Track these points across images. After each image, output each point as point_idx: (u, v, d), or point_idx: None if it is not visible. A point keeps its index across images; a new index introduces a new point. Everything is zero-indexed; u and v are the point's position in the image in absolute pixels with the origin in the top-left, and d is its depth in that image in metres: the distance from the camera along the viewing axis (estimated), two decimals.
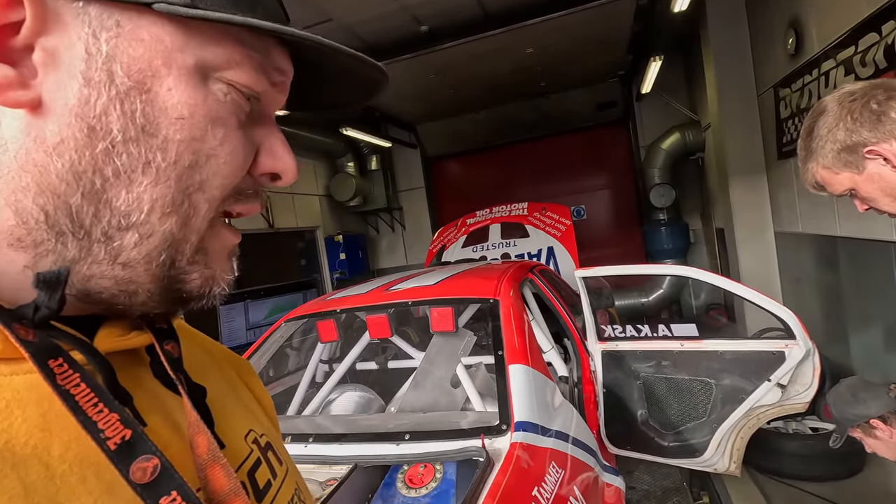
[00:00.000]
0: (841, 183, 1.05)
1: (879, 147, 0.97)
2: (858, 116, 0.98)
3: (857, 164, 1.00)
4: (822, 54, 3.51)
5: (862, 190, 1.03)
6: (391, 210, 8.62)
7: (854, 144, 0.99)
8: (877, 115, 0.96)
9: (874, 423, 1.63)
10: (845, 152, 1.00)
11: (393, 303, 2.37)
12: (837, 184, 1.06)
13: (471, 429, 1.63)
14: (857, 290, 3.58)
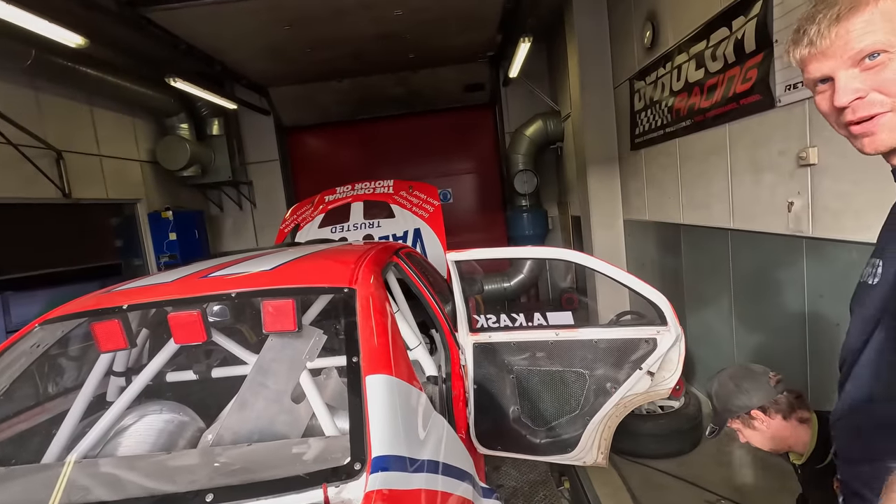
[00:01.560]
0: None
1: None
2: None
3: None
4: (676, 48, 3.66)
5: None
6: (238, 184, 7.49)
7: None
8: None
9: (755, 413, 1.55)
10: None
11: (208, 295, 1.75)
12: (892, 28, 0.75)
13: (309, 474, 1.15)
14: (694, 273, 3.88)
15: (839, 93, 0.79)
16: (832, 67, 0.79)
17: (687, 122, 3.61)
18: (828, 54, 0.79)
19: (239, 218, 7.85)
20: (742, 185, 3.05)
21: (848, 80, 0.78)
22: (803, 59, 0.83)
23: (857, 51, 0.76)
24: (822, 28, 0.78)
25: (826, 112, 0.84)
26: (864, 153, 0.83)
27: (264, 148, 7.74)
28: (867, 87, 0.77)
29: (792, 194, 2.59)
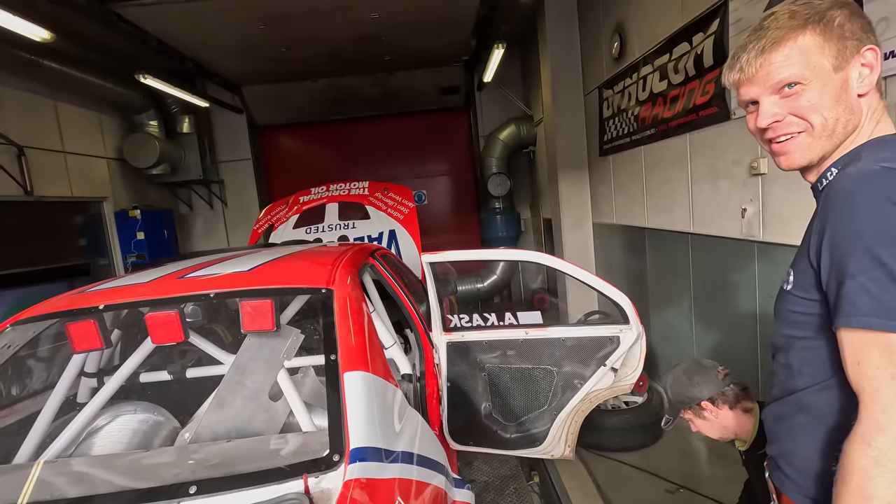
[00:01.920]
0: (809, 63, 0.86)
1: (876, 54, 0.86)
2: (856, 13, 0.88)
3: (846, 55, 0.86)
4: (642, 59, 3.84)
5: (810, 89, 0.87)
6: (209, 183, 7.38)
7: (862, 39, 0.86)
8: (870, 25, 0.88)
9: (704, 404, 1.68)
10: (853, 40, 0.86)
11: (186, 295, 1.77)
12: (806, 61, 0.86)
13: (290, 466, 1.21)
14: (658, 274, 4.06)
15: (761, 115, 0.91)
16: (757, 92, 0.91)
17: (651, 131, 3.78)
18: (754, 81, 0.91)
19: (210, 217, 7.72)
20: (701, 191, 3.23)
21: (769, 105, 0.90)
22: (735, 83, 0.95)
23: (777, 80, 0.88)
24: (750, 57, 0.90)
25: (752, 131, 0.96)
26: (780, 169, 0.95)
27: (237, 147, 7.64)
28: (784, 112, 0.89)
29: (745, 201, 2.77)
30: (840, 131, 0.88)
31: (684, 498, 2.73)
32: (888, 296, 0.71)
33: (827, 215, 0.80)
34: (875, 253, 0.73)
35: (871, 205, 0.75)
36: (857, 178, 0.80)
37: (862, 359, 0.74)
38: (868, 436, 0.72)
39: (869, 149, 0.86)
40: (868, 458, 0.71)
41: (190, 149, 6.83)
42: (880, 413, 0.71)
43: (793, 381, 0.92)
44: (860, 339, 0.75)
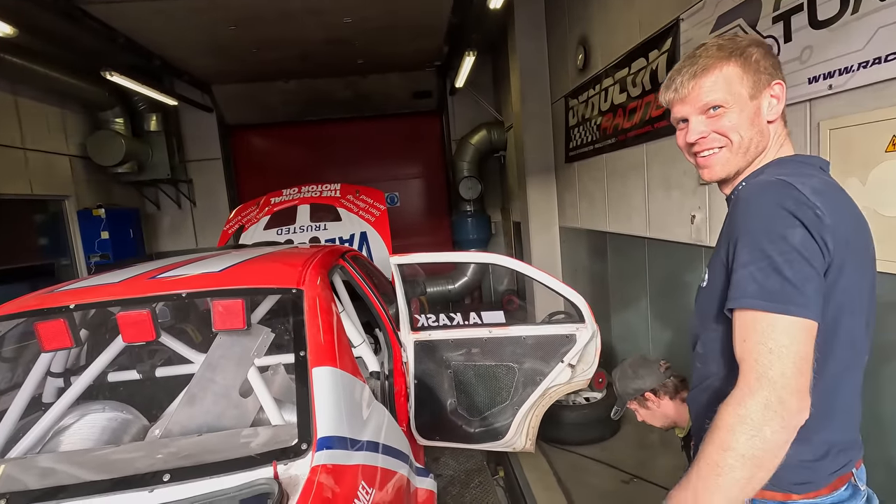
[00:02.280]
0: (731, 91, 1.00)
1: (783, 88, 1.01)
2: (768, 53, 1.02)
3: (760, 87, 1.00)
4: (604, 72, 4.03)
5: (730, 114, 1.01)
6: (177, 182, 7.27)
7: (773, 73, 1.01)
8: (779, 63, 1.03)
9: (647, 395, 1.83)
10: (766, 73, 1.00)
11: (158, 295, 1.82)
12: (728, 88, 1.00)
13: (260, 454, 1.29)
14: (618, 277, 4.26)
15: (690, 132, 1.06)
16: (688, 112, 1.06)
17: (612, 140, 3.98)
18: (685, 101, 1.05)
19: (177, 217, 7.60)
20: (656, 199, 3.43)
21: (697, 123, 1.05)
22: (669, 102, 1.09)
23: (705, 103, 1.02)
24: (684, 80, 1.04)
25: (681, 146, 1.11)
26: (703, 180, 1.10)
27: (206, 146, 7.54)
28: (709, 130, 1.04)
29: (694, 209, 2.97)
30: (753, 150, 1.03)
31: (637, 487, 2.90)
32: (770, 282, 0.84)
33: (733, 219, 0.95)
34: (762, 247, 0.86)
35: (764, 208, 0.89)
36: (757, 187, 0.95)
37: (747, 335, 0.86)
38: (741, 398, 0.83)
39: (772, 166, 1.02)
40: (736, 416, 0.83)
41: (157, 147, 6.72)
42: (755, 380, 0.83)
43: (707, 368, 1.05)
44: (747, 318, 0.86)
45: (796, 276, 0.84)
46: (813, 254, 0.85)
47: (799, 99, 2.11)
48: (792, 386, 0.82)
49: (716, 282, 0.99)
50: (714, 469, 0.84)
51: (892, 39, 1.69)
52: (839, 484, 0.97)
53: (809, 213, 0.86)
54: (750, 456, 0.82)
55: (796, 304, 0.83)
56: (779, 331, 0.83)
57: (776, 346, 0.83)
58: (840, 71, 1.90)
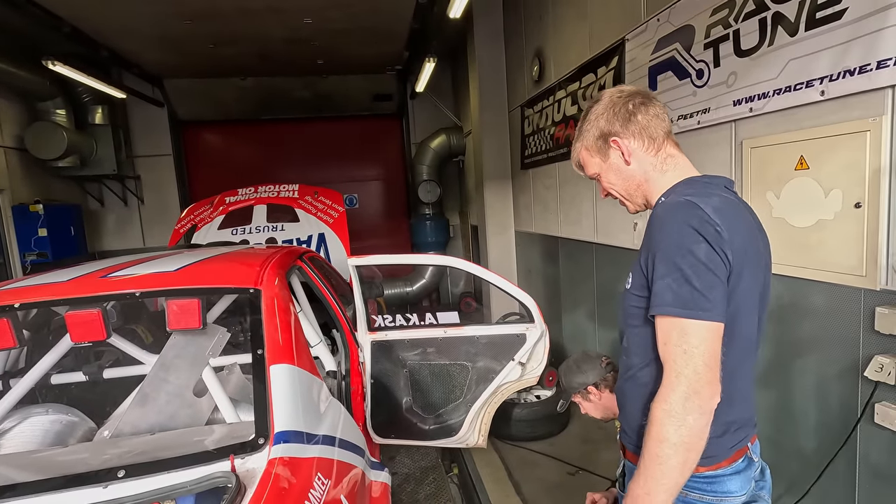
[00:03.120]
0: (592, 165, 1.25)
1: (621, 140, 1.17)
2: (617, 112, 1.17)
3: (605, 151, 1.20)
4: (557, 84, 4.23)
5: (604, 177, 1.24)
6: (123, 178, 6.97)
7: (608, 133, 1.18)
8: (630, 115, 1.16)
9: (589, 389, 1.97)
10: (601, 139, 1.20)
11: (110, 294, 1.80)
12: (590, 165, 1.26)
13: (216, 449, 1.32)
14: (569, 279, 4.46)
15: (601, 191, 1.30)
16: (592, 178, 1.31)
17: (564, 150, 4.18)
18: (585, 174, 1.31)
19: (123, 214, 7.28)
20: (603, 206, 3.64)
21: (599, 186, 1.30)
22: None
23: (589, 176, 1.29)
24: (574, 163, 1.32)
25: None
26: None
27: (156, 141, 7.28)
28: (604, 189, 1.28)
29: (636, 217, 3.18)
30: (634, 189, 1.21)
31: (582, 478, 3.07)
32: (682, 291, 0.98)
33: (650, 233, 1.08)
34: (674, 260, 0.99)
35: (674, 226, 1.03)
36: (668, 208, 1.09)
37: (667, 339, 1.00)
38: (665, 394, 0.98)
39: (682, 185, 1.16)
40: (662, 410, 0.97)
41: (103, 141, 6.43)
42: (674, 378, 0.97)
43: (630, 360, 1.18)
44: (665, 323, 1.00)
45: (703, 285, 0.97)
46: (716, 265, 0.99)
47: (725, 119, 2.33)
48: (704, 379, 0.96)
49: (637, 286, 1.13)
50: (655, 459, 0.98)
51: (800, 71, 1.91)
52: (737, 457, 1.12)
53: (711, 230, 1.00)
54: (680, 443, 0.96)
55: (704, 309, 0.97)
56: (690, 333, 0.97)
57: (689, 347, 0.97)
58: (759, 96, 2.12)
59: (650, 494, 0.99)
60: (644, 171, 1.18)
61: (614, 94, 1.19)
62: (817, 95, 1.85)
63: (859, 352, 1.78)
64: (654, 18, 2.81)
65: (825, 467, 1.92)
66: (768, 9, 2.04)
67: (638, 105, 1.16)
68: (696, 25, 2.48)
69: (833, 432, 1.91)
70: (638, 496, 1.01)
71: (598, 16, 3.54)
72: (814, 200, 1.89)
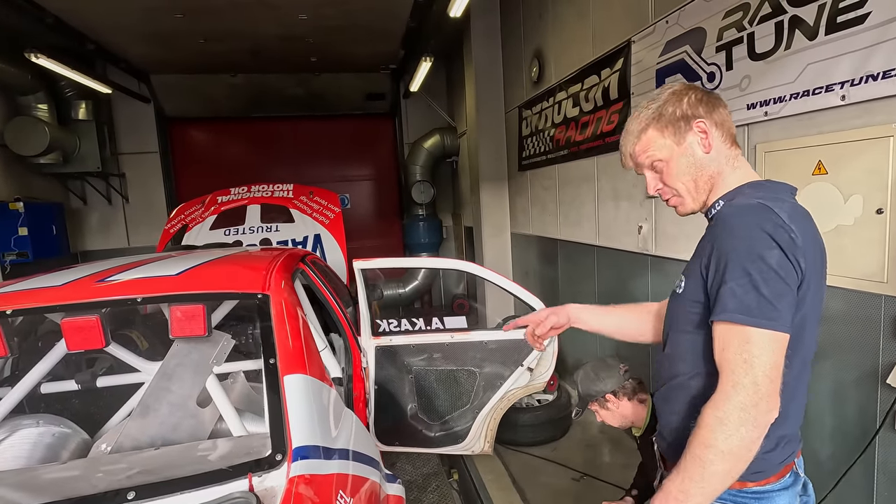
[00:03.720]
0: (660, 148, 1.14)
1: (706, 124, 1.12)
2: (700, 99, 1.13)
3: (683, 133, 1.13)
4: (558, 86, 4.20)
5: (672, 164, 1.14)
6: (107, 176, 6.76)
7: (690, 116, 1.13)
8: (714, 104, 1.14)
9: (607, 397, 1.94)
10: (682, 120, 1.12)
11: (110, 300, 1.70)
12: (656, 148, 1.15)
13: (233, 467, 1.24)
14: (568, 282, 4.44)
15: (648, 187, 1.23)
16: (640, 170, 1.22)
17: (565, 152, 4.15)
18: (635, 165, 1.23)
19: (107, 213, 7.06)
20: (606, 209, 3.62)
21: (650, 179, 1.22)
22: (626, 166, 1.26)
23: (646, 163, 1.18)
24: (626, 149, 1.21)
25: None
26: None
27: (142, 138, 7.07)
28: (659, 183, 1.20)
29: (641, 220, 3.16)
30: (702, 184, 1.14)
31: (587, 484, 3.03)
32: (748, 298, 0.93)
33: (715, 236, 1.03)
34: (744, 265, 0.95)
35: (746, 230, 0.98)
36: (738, 210, 1.03)
37: (726, 345, 0.96)
38: (719, 401, 0.94)
39: (749, 188, 1.12)
40: (715, 417, 0.93)
41: (86, 137, 6.22)
42: (731, 387, 0.93)
43: (676, 367, 1.14)
44: (726, 330, 0.96)
45: (772, 293, 0.93)
46: (788, 272, 0.95)
47: (738, 123, 2.31)
48: (763, 391, 0.92)
49: (691, 290, 1.09)
50: (698, 463, 0.94)
51: (819, 75, 1.90)
52: (785, 472, 1.09)
53: (785, 236, 0.96)
54: (728, 452, 0.92)
55: (770, 318, 0.93)
56: (753, 342, 0.93)
57: (749, 356, 0.93)
58: (775, 100, 2.10)
59: (685, 494, 0.96)
60: (719, 163, 1.13)
61: (691, 86, 1.16)
62: (838, 100, 1.84)
63: (879, 359, 1.77)
64: (662, 20, 2.79)
65: (843, 475, 1.90)
66: (785, 12, 2.02)
67: (717, 99, 1.15)
68: (707, 28, 2.46)
69: (851, 439, 1.89)
70: (671, 493, 0.97)
71: (601, 16, 3.51)
72: (832, 206, 1.88)
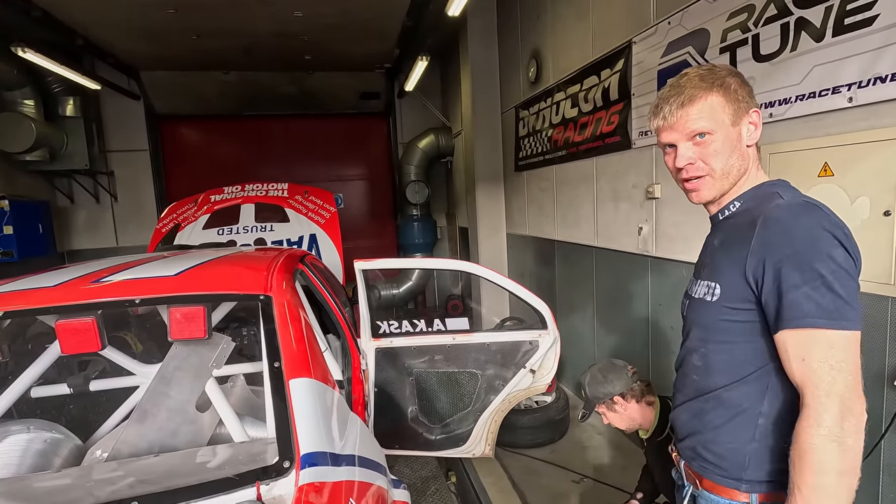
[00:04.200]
0: (715, 119, 1.07)
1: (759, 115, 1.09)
2: (750, 91, 1.10)
3: (741, 115, 1.08)
4: (556, 86, 4.18)
5: (715, 138, 1.08)
6: (95, 174, 6.63)
7: (751, 101, 1.09)
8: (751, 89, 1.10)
9: (615, 399, 1.91)
10: (745, 102, 1.08)
11: (106, 301, 1.65)
12: (713, 117, 1.07)
13: (239, 475, 1.19)
14: (566, 283, 4.43)
15: (679, 157, 1.11)
16: (676, 138, 1.11)
17: (563, 152, 4.14)
18: (674, 128, 1.10)
19: (95, 212, 6.92)
20: (605, 210, 3.61)
21: (685, 149, 1.10)
22: (658, 129, 1.14)
23: (692, 130, 1.08)
24: (672, 108, 1.09)
25: (671, 168, 1.16)
26: (692, 202, 1.16)
27: (131, 136, 6.94)
28: (696, 156, 1.10)
29: (641, 221, 3.16)
30: (734, 174, 1.10)
31: (587, 486, 3.02)
32: (826, 300, 0.89)
33: (769, 240, 0.96)
34: (814, 267, 0.90)
35: (807, 230, 0.93)
36: (790, 210, 0.97)
37: (807, 354, 0.90)
38: (817, 417, 0.88)
39: (773, 186, 1.08)
40: (819, 436, 0.87)
41: (74, 134, 6.08)
42: (825, 397, 0.88)
43: (709, 379, 1.08)
44: (806, 337, 0.90)
45: (846, 292, 0.90)
46: (852, 269, 0.92)
47: None
48: (855, 395, 0.89)
49: (733, 298, 1.03)
50: (818, 491, 0.88)
51: (825, 77, 1.90)
52: None
53: (841, 232, 0.93)
54: (846, 469, 0.88)
55: (848, 318, 0.90)
56: (837, 347, 0.89)
57: (836, 361, 0.89)
58: (780, 102, 2.10)
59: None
60: (752, 158, 1.11)
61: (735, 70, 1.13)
62: (845, 102, 1.83)
63: (885, 361, 1.77)
64: (664, 21, 2.79)
65: None
66: (791, 14, 2.02)
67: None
68: (710, 29, 2.46)
69: None
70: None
71: (600, 17, 3.50)
72: (839, 208, 1.87)
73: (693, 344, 1.13)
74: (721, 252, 1.09)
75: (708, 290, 1.08)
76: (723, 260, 1.07)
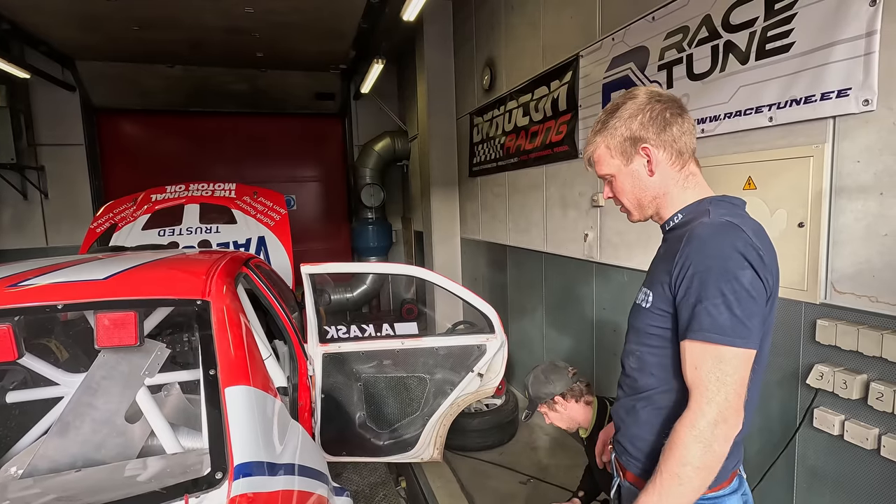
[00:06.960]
0: (609, 166, 1.18)
1: (652, 149, 1.12)
2: (655, 117, 1.11)
3: (630, 156, 1.15)
4: (508, 95, 4.28)
5: (618, 181, 1.19)
6: (23, 168, 6.17)
7: (639, 139, 1.13)
8: (666, 124, 1.11)
9: (556, 399, 1.97)
10: (629, 142, 1.14)
11: (23, 307, 1.54)
12: (605, 165, 1.19)
13: (167, 488, 1.14)
14: (517, 287, 4.51)
15: (604, 193, 1.25)
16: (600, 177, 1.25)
17: (515, 159, 4.23)
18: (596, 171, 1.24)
19: (22, 209, 6.44)
20: (554, 217, 3.71)
21: (605, 188, 1.25)
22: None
23: (601, 174, 1.23)
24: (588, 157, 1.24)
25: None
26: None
27: (65, 129, 6.51)
28: (612, 193, 1.24)
29: (587, 228, 3.27)
30: (647, 202, 1.17)
31: (534, 487, 3.08)
32: (723, 318, 0.95)
33: (687, 253, 1.02)
34: (719, 286, 0.96)
35: (719, 249, 0.98)
36: (710, 228, 1.02)
37: (700, 364, 0.98)
38: (693, 419, 0.97)
39: (707, 204, 1.12)
40: (691, 435, 0.96)
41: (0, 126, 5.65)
42: (706, 404, 0.96)
43: (643, 381, 1.15)
44: (700, 348, 0.98)
45: (744, 313, 0.96)
46: (759, 291, 0.98)
47: None
48: (733, 407, 0.97)
49: (660, 305, 1.09)
50: (674, 479, 0.98)
51: (750, 97, 2.04)
52: (733, 477, 1.15)
53: (755, 255, 0.98)
54: (703, 466, 0.97)
55: (741, 337, 0.96)
56: (725, 361, 0.96)
57: (722, 374, 0.96)
58: (710, 118, 2.24)
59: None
60: (665, 184, 1.14)
61: (654, 96, 1.12)
62: (766, 121, 1.98)
63: (799, 361, 1.92)
64: (609, 37, 2.91)
65: (766, 470, 2.04)
66: (720, 37, 2.16)
67: (675, 115, 1.11)
68: (650, 47, 2.59)
69: (774, 437, 2.04)
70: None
71: (551, 30, 3.62)
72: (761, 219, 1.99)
73: (630, 347, 1.20)
74: (659, 261, 1.15)
75: (644, 297, 1.15)
76: (658, 269, 1.13)
